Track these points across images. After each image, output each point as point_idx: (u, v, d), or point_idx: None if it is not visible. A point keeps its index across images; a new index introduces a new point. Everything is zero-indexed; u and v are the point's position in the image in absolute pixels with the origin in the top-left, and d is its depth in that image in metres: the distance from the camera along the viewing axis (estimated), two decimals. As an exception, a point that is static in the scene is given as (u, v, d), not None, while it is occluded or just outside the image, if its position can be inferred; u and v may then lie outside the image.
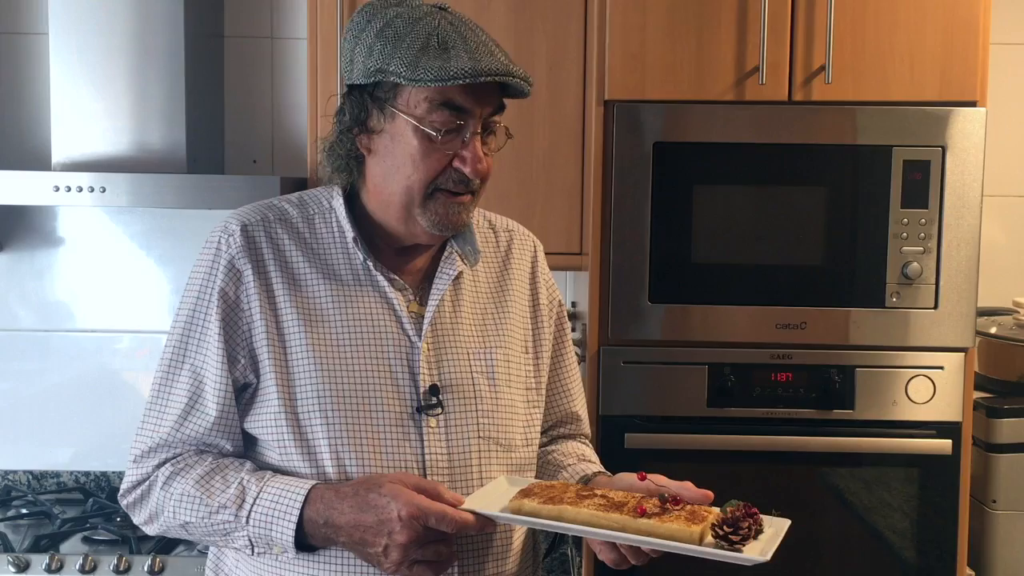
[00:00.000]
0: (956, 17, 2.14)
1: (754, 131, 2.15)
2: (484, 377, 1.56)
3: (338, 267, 1.54)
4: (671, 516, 1.37)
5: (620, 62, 2.15)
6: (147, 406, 1.54)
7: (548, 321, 1.69)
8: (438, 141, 1.45)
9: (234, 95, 2.71)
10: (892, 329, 2.17)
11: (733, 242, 2.20)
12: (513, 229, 1.72)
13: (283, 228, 1.55)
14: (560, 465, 1.68)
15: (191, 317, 1.51)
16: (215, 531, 1.47)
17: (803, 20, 2.14)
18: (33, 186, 2.32)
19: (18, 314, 2.75)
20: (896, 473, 2.21)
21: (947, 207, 2.15)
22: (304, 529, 1.42)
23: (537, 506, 1.41)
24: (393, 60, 1.44)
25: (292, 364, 1.48)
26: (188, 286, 1.54)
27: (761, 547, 1.35)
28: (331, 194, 1.59)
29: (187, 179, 2.35)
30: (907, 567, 2.22)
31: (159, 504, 1.50)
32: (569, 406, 1.75)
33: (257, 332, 1.49)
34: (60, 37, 2.44)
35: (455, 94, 1.44)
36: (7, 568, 2.18)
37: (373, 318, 1.52)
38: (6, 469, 2.74)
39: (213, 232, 1.55)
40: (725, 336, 2.18)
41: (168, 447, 1.50)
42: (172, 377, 1.52)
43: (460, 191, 1.49)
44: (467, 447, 1.52)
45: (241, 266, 1.50)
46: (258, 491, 1.44)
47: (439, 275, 1.57)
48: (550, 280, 1.73)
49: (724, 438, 2.18)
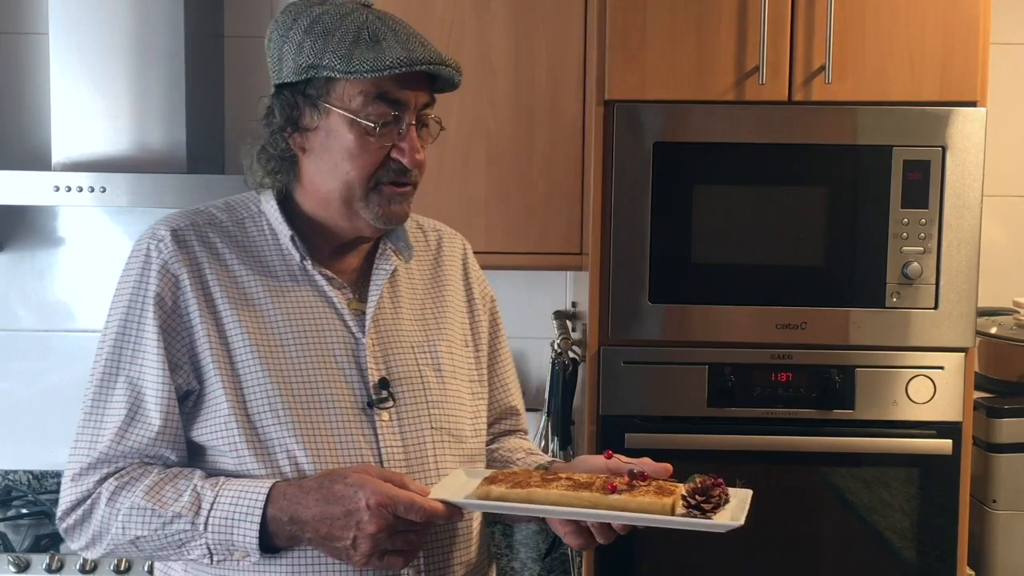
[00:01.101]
0: (956, 17, 2.14)
1: (754, 131, 2.15)
2: (431, 369, 1.57)
3: (274, 268, 1.53)
4: (640, 491, 1.38)
5: (620, 62, 2.15)
6: (81, 422, 1.49)
7: (483, 316, 1.71)
8: (375, 134, 1.46)
9: (234, 95, 2.71)
10: (892, 329, 2.17)
11: (733, 242, 2.20)
12: (441, 229, 1.74)
13: (214, 232, 1.53)
14: (508, 460, 1.69)
15: (123, 326, 1.48)
16: (170, 543, 1.43)
17: (803, 20, 2.14)
18: (33, 186, 2.32)
19: (18, 314, 2.75)
20: (896, 473, 2.21)
21: (947, 207, 2.15)
22: (268, 529, 1.39)
23: (506, 491, 1.41)
24: (326, 55, 1.44)
25: (238, 368, 1.46)
26: (117, 296, 1.51)
27: (731, 514, 1.38)
28: (258, 198, 1.58)
29: (187, 179, 2.35)
30: (907, 567, 2.22)
31: (104, 522, 1.44)
32: (508, 400, 1.76)
33: (199, 337, 1.46)
34: (60, 37, 2.44)
35: (390, 87, 1.45)
36: (7, 568, 2.18)
37: (315, 317, 1.51)
38: (6, 469, 2.74)
39: (140, 240, 1.53)
40: (725, 336, 2.18)
41: (109, 462, 1.46)
42: (107, 389, 1.48)
43: (402, 182, 1.49)
44: (422, 439, 1.52)
45: (176, 271, 1.48)
46: (214, 496, 1.40)
47: (376, 270, 1.57)
48: (481, 276, 1.75)
49: (724, 438, 2.18)
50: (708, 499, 1.37)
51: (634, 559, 2.20)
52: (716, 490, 1.38)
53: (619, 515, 1.37)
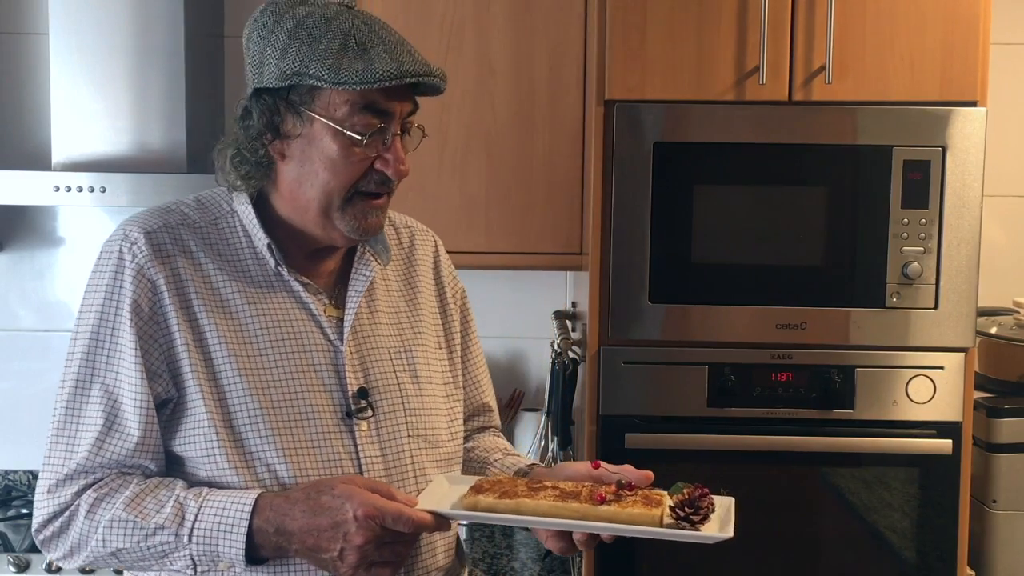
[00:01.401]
0: (956, 17, 2.14)
1: (754, 131, 2.15)
2: (408, 376, 1.55)
3: (250, 272, 1.49)
4: (628, 502, 1.39)
5: (620, 62, 2.15)
6: (54, 432, 1.44)
7: (455, 314, 1.69)
8: (362, 144, 1.42)
9: (234, 95, 2.71)
10: (892, 329, 2.17)
11: (733, 242, 2.20)
12: (413, 225, 1.71)
13: (188, 233, 1.48)
14: (485, 461, 1.68)
15: (96, 333, 1.44)
16: (152, 555, 1.40)
17: (803, 20, 2.14)
18: (33, 186, 2.33)
19: (18, 314, 2.75)
20: (896, 473, 2.21)
21: (947, 207, 2.15)
22: (254, 540, 1.37)
23: (494, 501, 1.41)
24: (312, 63, 1.39)
25: (218, 378, 1.43)
26: (87, 299, 1.46)
27: (719, 525, 1.39)
28: (230, 197, 1.53)
29: (187, 179, 2.35)
30: (907, 567, 2.22)
31: (83, 534, 1.41)
32: (480, 397, 1.75)
33: (177, 345, 1.42)
34: (60, 37, 2.44)
35: (377, 97, 1.42)
36: (7, 568, 2.18)
37: (292, 324, 1.48)
38: (6, 469, 2.74)
39: (109, 242, 1.47)
40: (725, 336, 2.18)
41: (87, 473, 1.41)
42: (81, 399, 1.43)
43: (380, 192, 1.47)
44: (400, 447, 1.51)
45: (152, 275, 1.43)
46: (199, 507, 1.38)
47: (355, 277, 1.54)
48: (452, 272, 1.73)
49: (724, 438, 2.18)
50: (696, 511, 1.38)
51: (634, 559, 2.20)
52: (703, 501, 1.39)
53: (609, 527, 1.38)
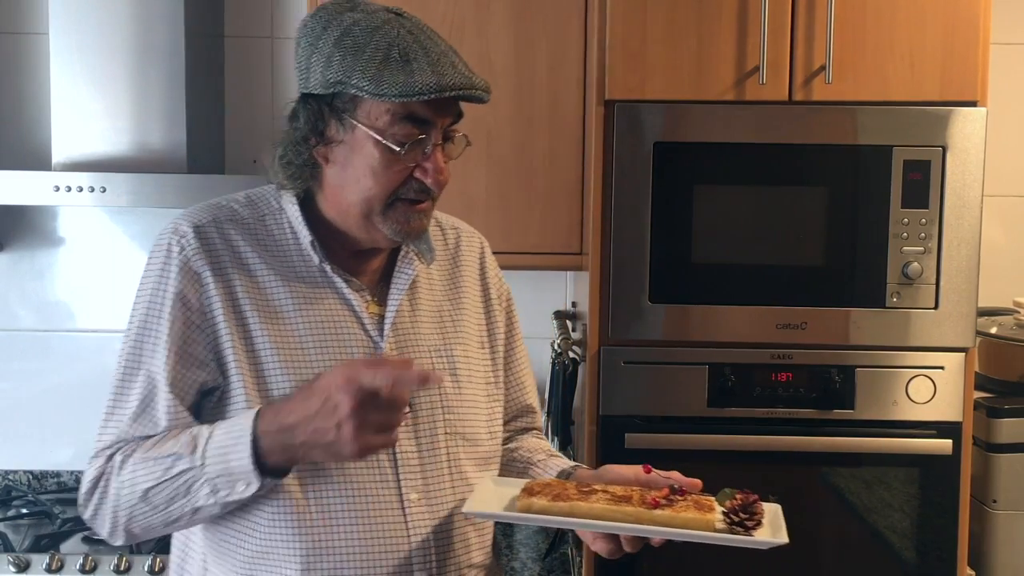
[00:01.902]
0: (956, 17, 2.14)
1: (754, 131, 2.15)
2: (447, 374, 1.56)
3: (295, 268, 1.52)
4: (681, 506, 1.41)
5: (620, 62, 2.15)
6: (104, 412, 1.49)
7: (500, 315, 1.70)
8: (401, 155, 1.44)
9: (234, 95, 2.71)
10: (892, 329, 2.17)
11: (733, 242, 2.20)
12: (459, 227, 1.73)
13: (235, 228, 1.52)
14: (529, 462, 1.69)
15: (145, 321, 1.48)
16: (176, 489, 1.40)
17: (803, 20, 2.14)
18: (33, 186, 2.33)
19: (18, 314, 2.75)
20: (896, 473, 2.21)
21: (947, 207, 2.15)
22: (260, 447, 1.36)
23: (548, 504, 1.43)
24: (355, 73, 1.41)
25: (259, 367, 1.46)
26: (140, 290, 1.51)
27: (772, 531, 1.41)
28: (279, 195, 1.56)
29: (187, 179, 2.35)
30: (907, 567, 2.22)
31: (118, 491, 1.44)
32: (523, 399, 1.76)
33: (222, 334, 1.46)
34: (60, 37, 2.44)
35: (418, 107, 1.43)
36: (7, 568, 2.18)
37: (335, 320, 1.51)
38: (6, 469, 2.74)
39: (162, 235, 1.52)
40: (725, 336, 2.18)
41: (123, 443, 1.47)
42: (128, 381, 1.48)
43: (421, 199, 1.48)
44: (436, 443, 1.53)
45: (198, 268, 1.47)
46: (209, 432, 1.40)
47: (397, 275, 1.57)
48: (498, 274, 1.74)
49: (724, 438, 2.18)
50: (751, 516, 1.40)
51: (634, 559, 2.20)
52: (757, 506, 1.40)
53: (663, 531, 1.40)
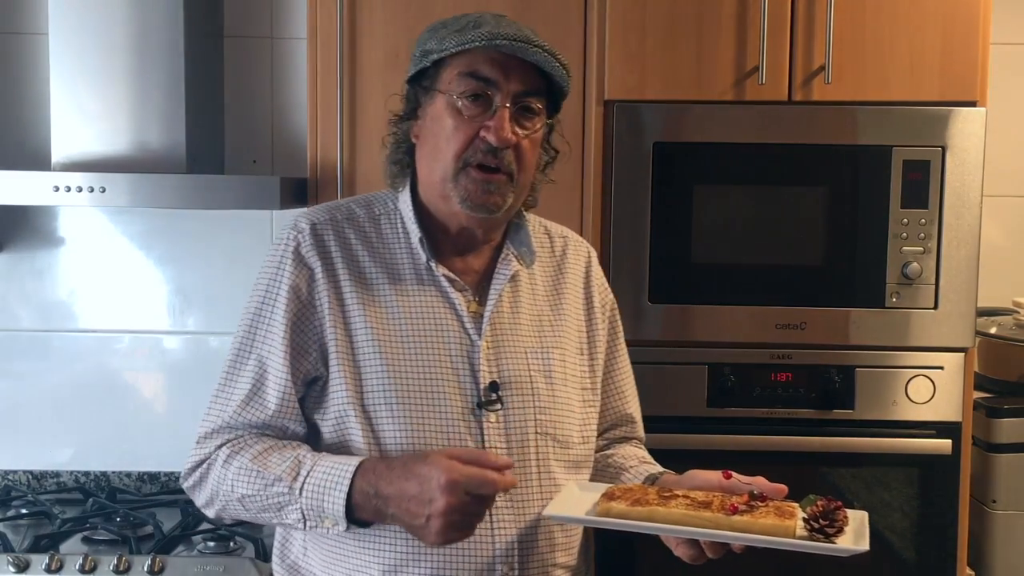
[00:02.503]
0: (956, 17, 2.14)
1: (754, 131, 2.15)
2: (541, 375, 1.60)
3: (402, 267, 1.60)
4: (761, 512, 1.41)
5: (620, 62, 2.15)
6: (214, 392, 1.59)
7: (602, 324, 1.73)
8: (465, 110, 1.51)
9: (234, 95, 2.71)
10: (892, 329, 2.17)
11: (733, 242, 2.20)
12: (568, 236, 1.78)
13: (350, 227, 1.61)
14: (621, 468, 1.71)
15: (260, 308, 1.57)
16: (270, 505, 1.50)
17: (803, 20, 2.14)
18: (33, 186, 2.32)
19: (18, 314, 2.75)
20: (896, 473, 2.21)
21: (947, 207, 2.15)
22: (354, 500, 1.44)
23: (627, 508, 1.44)
24: (430, 41, 1.53)
25: (359, 358, 1.53)
26: (258, 278, 1.60)
27: (854, 538, 1.40)
28: (396, 196, 1.65)
29: (187, 179, 2.35)
30: (907, 567, 2.22)
31: (217, 483, 1.54)
32: (623, 408, 1.78)
33: (327, 326, 1.54)
34: (60, 37, 2.44)
35: (480, 63, 1.50)
36: (7, 568, 2.18)
37: (436, 317, 1.57)
38: (6, 469, 2.74)
39: (283, 230, 1.62)
40: (725, 336, 2.18)
41: (230, 429, 1.55)
42: (239, 364, 1.57)
43: (489, 164, 1.52)
44: (525, 442, 1.57)
45: (311, 263, 1.56)
46: (312, 465, 1.47)
47: (496, 274, 1.63)
48: (603, 284, 1.78)
49: (724, 438, 2.19)
50: (832, 523, 1.39)
51: (634, 559, 2.20)
52: (839, 513, 1.40)
53: (743, 536, 1.39)
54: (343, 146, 2.29)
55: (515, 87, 1.52)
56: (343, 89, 2.27)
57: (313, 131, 2.31)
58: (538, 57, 1.50)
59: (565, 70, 1.54)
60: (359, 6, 2.27)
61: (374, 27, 2.27)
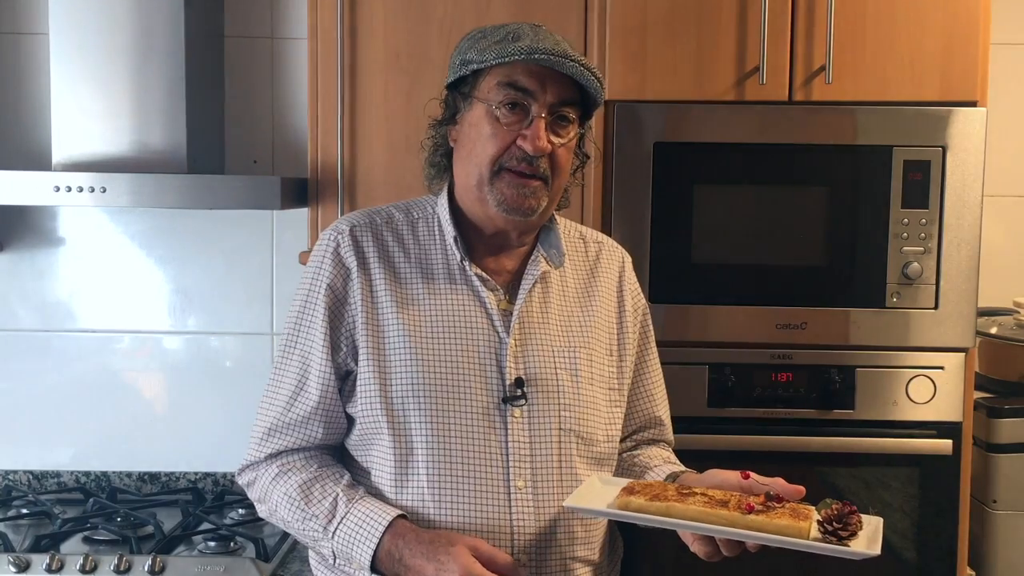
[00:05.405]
0: (956, 17, 2.14)
1: (754, 131, 2.15)
2: (567, 373, 1.64)
3: (436, 267, 1.66)
4: (776, 513, 1.43)
5: (620, 62, 2.15)
6: (266, 387, 1.70)
7: (632, 327, 1.77)
8: (503, 119, 1.56)
9: (234, 95, 2.71)
10: (892, 329, 2.17)
11: (733, 242, 2.20)
12: (602, 241, 1.82)
13: (388, 230, 1.69)
14: (646, 467, 1.75)
15: (303, 307, 1.66)
16: (306, 535, 1.63)
17: (803, 20, 2.15)
18: (33, 186, 2.32)
19: (18, 314, 2.75)
20: (896, 473, 2.21)
21: (947, 207, 2.15)
22: (379, 555, 1.53)
23: (645, 503, 1.47)
24: (471, 51, 1.59)
25: (389, 353, 1.60)
26: (302, 279, 1.69)
27: (866, 542, 1.42)
28: (435, 201, 1.72)
29: (187, 179, 2.35)
30: (907, 567, 2.22)
31: (265, 493, 1.66)
32: (652, 410, 1.82)
33: (359, 322, 1.62)
34: (60, 37, 2.44)
35: (519, 75, 1.56)
36: (7, 568, 2.18)
37: (466, 313, 1.63)
38: (6, 469, 2.74)
39: (324, 232, 1.70)
40: (725, 336, 2.18)
41: (280, 432, 1.65)
42: (286, 361, 1.67)
43: (524, 171, 1.57)
44: (549, 438, 1.61)
45: (348, 262, 1.64)
46: (346, 511, 1.57)
47: (526, 274, 1.68)
48: (636, 289, 1.81)
49: (724, 438, 2.19)
50: (845, 526, 1.41)
51: (635, 559, 2.20)
52: (852, 517, 1.43)
53: (756, 535, 1.42)
54: (343, 146, 2.29)
55: (551, 98, 1.57)
56: (343, 89, 2.28)
57: (313, 131, 2.31)
58: (574, 70, 1.55)
59: (599, 82, 1.58)
60: (359, 6, 2.27)
61: (374, 27, 2.28)
